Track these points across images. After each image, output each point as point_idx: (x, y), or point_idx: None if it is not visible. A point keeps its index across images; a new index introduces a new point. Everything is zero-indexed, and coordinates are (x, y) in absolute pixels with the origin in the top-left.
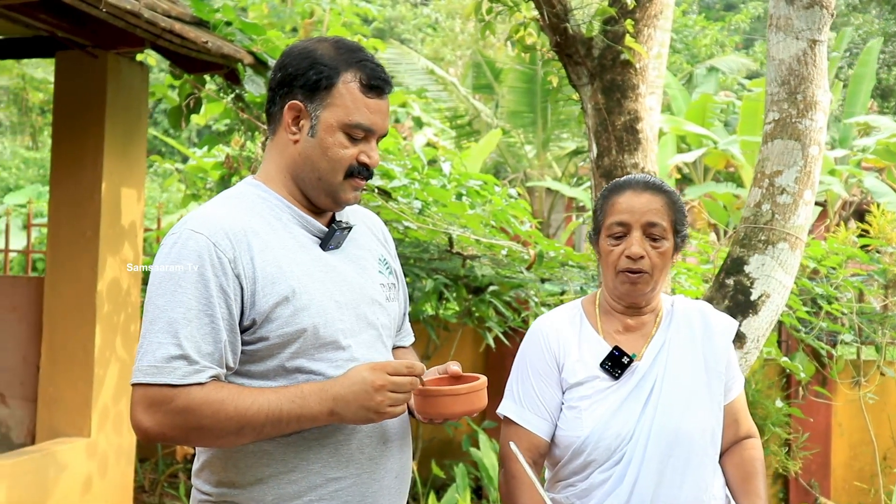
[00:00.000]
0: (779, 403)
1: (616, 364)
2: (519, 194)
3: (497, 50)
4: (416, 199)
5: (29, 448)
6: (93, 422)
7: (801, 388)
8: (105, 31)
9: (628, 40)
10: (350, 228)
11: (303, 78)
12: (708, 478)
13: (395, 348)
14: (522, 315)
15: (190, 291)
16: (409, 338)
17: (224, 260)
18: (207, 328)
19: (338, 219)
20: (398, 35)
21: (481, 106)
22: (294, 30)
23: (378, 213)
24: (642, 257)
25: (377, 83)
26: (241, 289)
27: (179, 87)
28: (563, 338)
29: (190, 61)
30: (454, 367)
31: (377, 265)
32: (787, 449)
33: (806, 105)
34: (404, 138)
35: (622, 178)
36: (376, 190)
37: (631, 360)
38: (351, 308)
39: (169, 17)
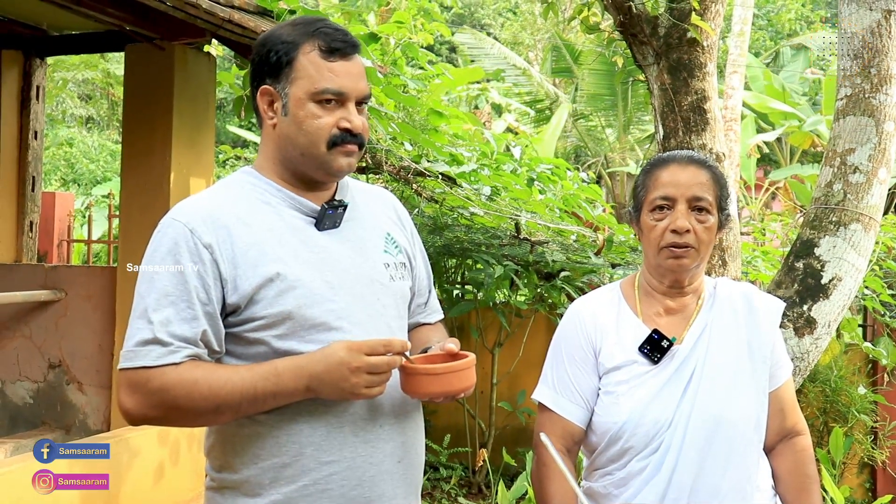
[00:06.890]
0: (862, 390)
1: (655, 348)
2: (598, 179)
3: (576, 33)
4: (485, 184)
5: (103, 434)
6: None
7: (886, 374)
8: (168, 22)
9: (694, 18)
10: (345, 206)
11: (265, 62)
12: (752, 467)
13: (420, 325)
14: None
15: (166, 277)
16: (435, 315)
17: (200, 245)
18: (184, 313)
19: (338, 198)
20: (478, 20)
21: (556, 90)
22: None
23: (443, 200)
24: (688, 231)
25: (338, 45)
26: (220, 273)
27: (244, 77)
28: (600, 321)
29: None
30: (450, 344)
31: (382, 244)
32: (873, 437)
33: (880, 79)
34: (484, 124)
35: (665, 153)
36: (440, 176)
37: (671, 344)
38: (345, 288)
39: (231, 7)
